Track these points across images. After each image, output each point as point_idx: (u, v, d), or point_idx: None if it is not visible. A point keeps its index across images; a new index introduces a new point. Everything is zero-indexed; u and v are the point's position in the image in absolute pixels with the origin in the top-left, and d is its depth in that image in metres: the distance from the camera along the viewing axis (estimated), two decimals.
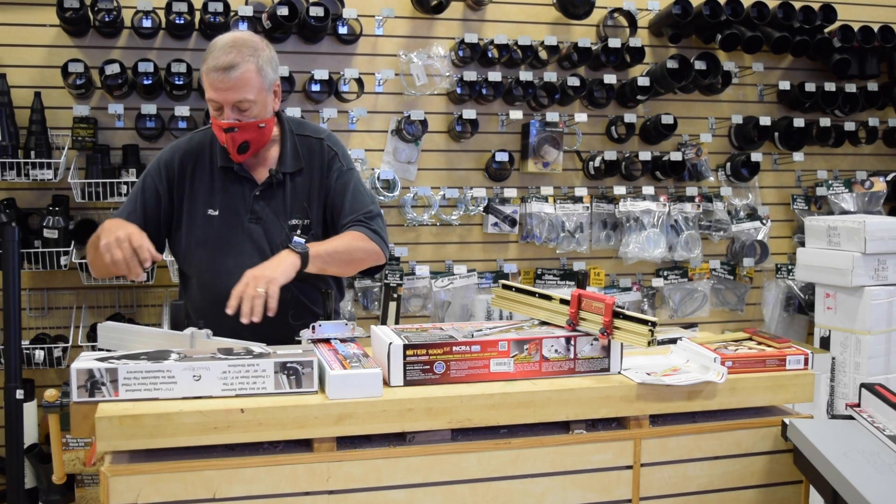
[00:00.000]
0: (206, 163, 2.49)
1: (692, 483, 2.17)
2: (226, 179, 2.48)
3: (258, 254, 2.41)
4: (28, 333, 3.62)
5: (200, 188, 2.48)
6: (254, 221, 2.46)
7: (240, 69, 2.31)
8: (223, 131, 2.36)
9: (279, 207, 2.48)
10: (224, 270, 2.39)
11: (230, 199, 2.47)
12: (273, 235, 2.46)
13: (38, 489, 3.49)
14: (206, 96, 2.37)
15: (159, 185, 2.48)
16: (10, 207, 3.54)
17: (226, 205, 2.47)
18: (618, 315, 2.09)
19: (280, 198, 2.48)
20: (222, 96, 2.32)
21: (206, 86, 2.35)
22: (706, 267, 4.43)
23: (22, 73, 3.64)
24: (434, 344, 2.03)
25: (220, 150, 2.48)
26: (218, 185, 2.48)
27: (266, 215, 2.47)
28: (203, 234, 2.46)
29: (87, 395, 1.87)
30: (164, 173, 2.49)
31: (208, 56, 2.34)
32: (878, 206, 4.53)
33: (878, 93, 4.53)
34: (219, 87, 2.31)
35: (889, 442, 2.03)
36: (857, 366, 3.82)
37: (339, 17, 3.87)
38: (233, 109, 2.34)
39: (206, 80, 2.34)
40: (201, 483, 1.86)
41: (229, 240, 2.45)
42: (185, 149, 2.52)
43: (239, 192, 2.47)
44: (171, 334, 2.16)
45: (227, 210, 2.46)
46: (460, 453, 2.00)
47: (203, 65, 2.34)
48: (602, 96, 4.22)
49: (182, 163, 2.49)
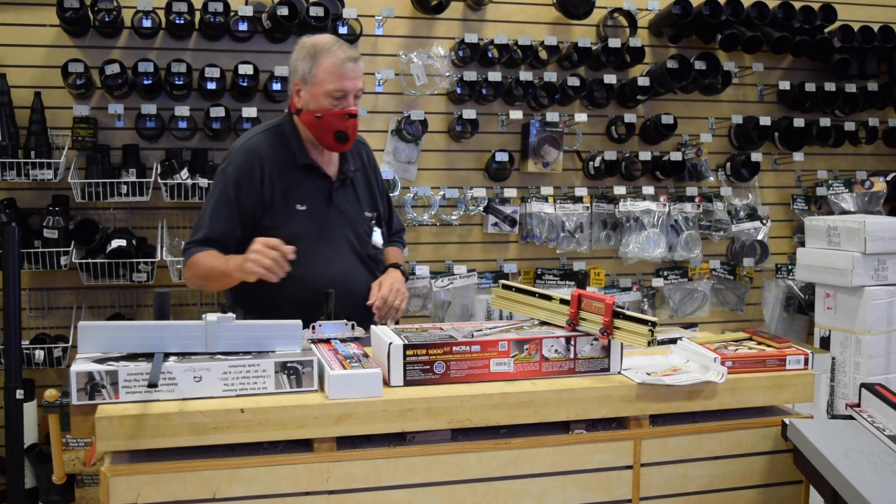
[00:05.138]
0: (286, 161, 2.65)
1: (692, 483, 2.17)
2: (305, 176, 2.66)
3: (347, 244, 2.67)
4: (28, 333, 3.62)
5: (286, 185, 2.63)
6: (337, 214, 2.67)
7: (361, 62, 2.64)
8: (346, 118, 2.59)
9: (354, 201, 2.73)
10: (321, 261, 2.59)
11: (314, 194, 2.65)
12: (356, 226, 2.71)
13: (38, 489, 3.49)
14: (325, 88, 2.56)
15: (248, 189, 2.59)
16: (10, 207, 3.54)
17: (311, 200, 2.65)
18: (618, 315, 2.09)
19: (352, 192, 2.73)
20: (353, 84, 2.59)
21: (332, 76, 2.56)
22: (706, 267, 4.43)
23: (22, 73, 3.64)
24: (434, 344, 2.03)
25: (298, 148, 2.66)
26: (301, 182, 2.65)
27: (346, 208, 2.70)
28: (298, 228, 2.60)
29: (87, 398, 1.87)
30: (250, 176, 2.60)
31: (328, 51, 2.57)
32: (878, 206, 4.53)
33: (878, 93, 4.53)
34: (351, 75, 2.58)
35: (889, 442, 2.03)
36: (857, 366, 3.82)
37: (339, 17, 3.87)
38: (354, 98, 2.61)
39: (334, 71, 2.56)
40: (201, 483, 1.86)
41: (321, 232, 2.63)
42: (263, 150, 2.64)
43: (319, 188, 2.67)
44: (164, 325, 2.05)
45: (313, 204, 2.65)
46: (460, 453, 2.01)
47: (322, 59, 2.56)
48: (602, 96, 4.22)
49: (266, 163, 2.62)
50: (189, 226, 3.82)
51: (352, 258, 2.68)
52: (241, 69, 3.65)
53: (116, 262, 3.53)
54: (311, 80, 2.59)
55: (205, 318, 2.02)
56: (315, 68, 2.58)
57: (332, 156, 2.72)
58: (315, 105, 2.60)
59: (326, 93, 2.57)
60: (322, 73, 2.57)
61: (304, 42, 2.65)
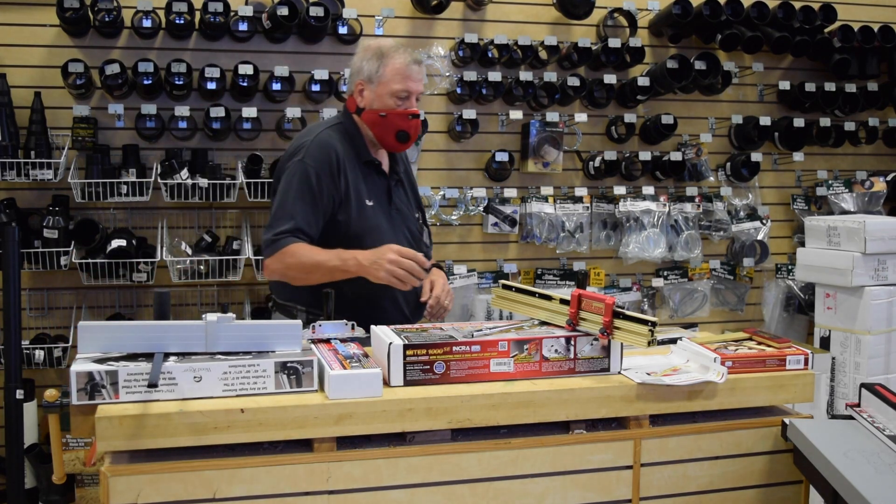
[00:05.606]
0: (353, 156, 2.71)
1: (692, 483, 2.17)
2: (369, 173, 2.74)
3: (406, 241, 2.72)
4: (28, 333, 3.62)
5: (356, 180, 2.69)
6: (396, 211, 2.77)
7: (424, 68, 2.74)
8: (409, 118, 2.69)
9: (406, 200, 2.83)
10: None
11: (377, 191, 2.74)
12: (410, 225, 2.80)
13: (38, 489, 3.49)
14: (391, 88, 2.65)
15: (327, 180, 2.62)
16: (10, 207, 3.54)
17: (376, 196, 2.73)
18: (618, 315, 2.09)
19: (403, 191, 2.83)
20: (417, 86, 2.70)
21: (399, 77, 2.66)
22: (706, 267, 4.43)
23: (22, 73, 3.64)
24: (434, 344, 2.03)
25: (362, 146, 2.73)
26: (366, 178, 2.72)
27: (402, 207, 2.79)
28: (368, 223, 2.68)
29: (87, 398, 1.86)
30: (332, 171, 2.64)
31: (393, 52, 2.67)
32: (878, 206, 4.53)
33: (878, 93, 4.53)
34: (416, 77, 2.69)
35: (889, 442, 2.03)
36: (857, 366, 3.82)
37: (339, 17, 3.87)
38: (416, 101, 2.71)
39: (401, 71, 2.66)
40: (201, 483, 1.86)
41: (387, 227, 2.71)
42: (335, 144, 2.69)
43: (380, 185, 2.76)
44: (164, 325, 2.05)
45: (377, 200, 2.72)
46: (460, 453, 2.00)
47: (389, 60, 2.66)
48: (602, 96, 4.22)
49: (340, 157, 2.67)
50: (189, 226, 3.82)
51: None
52: (241, 69, 3.65)
53: (116, 262, 3.53)
54: (377, 80, 2.67)
55: (205, 318, 2.01)
56: (382, 68, 2.67)
57: (384, 156, 2.81)
58: (379, 104, 2.68)
59: (392, 92, 2.66)
60: (389, 73, 2.66)
61: (369, 44, 2.74)
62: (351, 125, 2.76)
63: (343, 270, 2.51)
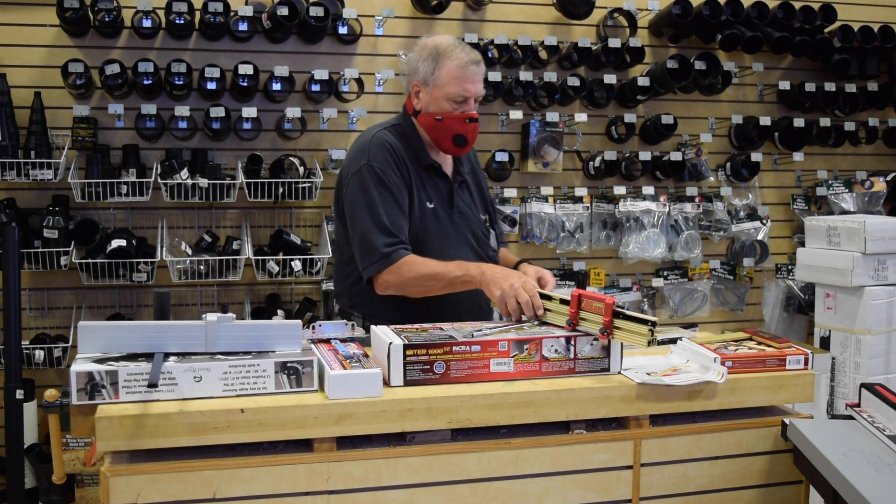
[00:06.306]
0: (413, 158, 2.63)
1: (692, 483, 2.17)
2: (428, 175, 2.65)
3: (468, 245, 2.67)
4: (28, 333, 3.62)
5: (418, 183, 2.62)
6: (458, 214, 2.67)
7: (483, 65, 2.60)
8: (466, 122, 2.57)
9: (471, 203, 2.74)
10: (449, 259, 2.54)
11: (438, 194, 2.65)
12: (474, 228, 2.71)
13: (38, 489, 3.49)
14: (446, 91, 2.54)
15: (397, 178, 2.56)
16: (10, 207, 3.54)
17: (437, 199, 2.64)
18: (618, 315, 2.09)
19: (468, 195, 2.73)
20: (475, 88, 2.57)
21: (455, 79, 2.54)
22: (706, 267, 4.43)
23: (22, 73, 3.64)
24: (434, 344, 2.03)
25: (421, 149, 2.64)
26: (427, 180, 2.64)
27: (465, 210, 2.70)
28: (428, 226, 2.60)
29: (87, 399, 1.86)
30: (398, 169, 2.58)
31: (450, 53, 2.55)
32: (878, 206, 4.53)
33: (878, 93, 4.53)
34: (475, 79, 2.56)
35: (889, 442, 2.03)
36: (857, 366, 3.82)
37: (339, 17, 3.87)
38: (475, 102, 2.59)
39: (457, 74, 2.53)
40: (201, 483, 1.86)
41: (447, 232, 2.64)
42: (395, 144, 2.61)
43: (441, 188, 2.67)
44: (164, 325, 2.04)
45: (438, 204, 2.64)
46: (460, 453, 2.00)
47: (444, 62, 2.54)
48: (602, 96, 4.22)
49: (403, 159, 2.60)
50: (189, 226, 3.82)
51: (474, 258, 2.64)
52: (241, 69, 3.65)
53: (116, 262, 3.53)
54: (433, 83, 2.57)
55: (205, 318, 2.01)
56: (437, 70, 2.56)
57: (447, 157, 2.71)
58: (435, 107, 2.58)
59: (447, 96, 2.55)
60: (444, 75, 2.54)
61: (426, 43, 2.62)
62: (409, 127, 2.66)
63: (465, 281, 2.42)
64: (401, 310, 2.50)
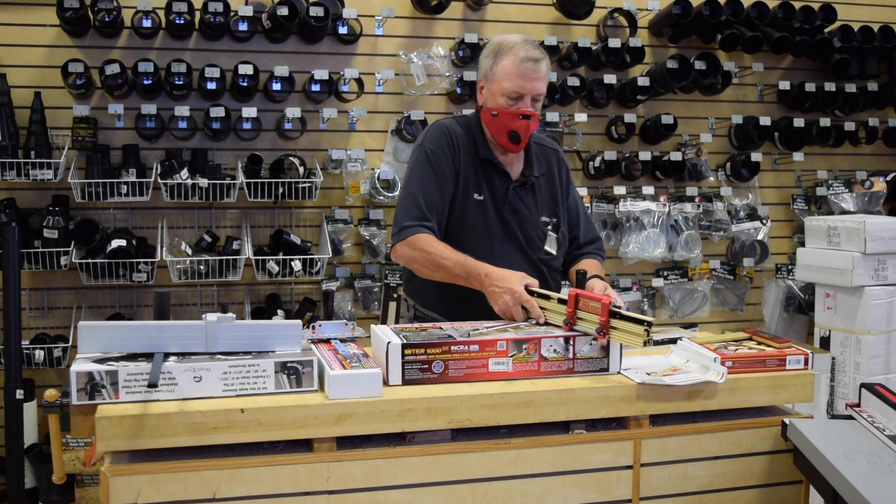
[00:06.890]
0: (470, 150, 2.65)
1: (692, 483, 2.17)
2: (485, 170, 2.65)
3: (515, 243, 2.65)
4: (28, 333, 3.62)
5: (469, 172, 2.63)
6: (510, 212, 2.65)
7: (544, 64, 2.57)
8: (519, 118, 2.56)
9: (532, 204, 2.70)
10: (488, 253, 2.55)
11: (491, 189, 2.65)
12: (527, 228, 2.68)
13: (38, 489, 3.49)
14: (502, 87, 2.54)
15: (445, 162, 2.60)
16: (10, 207, 3.54)
17: (488, 193, 2.64)
18: (614, 315, 2.09)
19: (531, 196, 2.70)
20: (530, 85, 2.54)
21: (509, 75, 2.53)
22: (706, 267, 4.43)
23: (22, 73, 3.64)
24: (432, 343, 2.03)
25: (482, 143, 2.65)
26: (480, 174, 2.65)
27: (521, 209, 2.67)
28: (473, 218, 2.62)
29: (87, 399, 1.86)
30: (450, 154, 2.61)
31: (509, 49, 2.55)
32: (878, 206, 4.53)
33: (878, 93, 4.53)
34: (530, 76, 2.54)
35: (889, 442, 2.03)
36: (857, 366, 3.82)
37: (339, 17, 3.87)
38: (532, 100, 2.56)
39: (512, 69, 2.53)
40: (201, 483, 1.86)
41: (495, 226, 2.64)
42: (455, 130, 2.65)
43: (498, 184, 2.65)
44: (163, 325, 2.05)
45: (489, 198, 2.64)
46: (460, 453, 2.00)
47: (502, 58, 2.54)
48: (602, 96, 4.22)
49: (458, 146, 2.63)
50: (189, 226, 3.82)
51: (519, 257, 2.64)
52: (241, 69, 3.65)
53: (116, 262, 3.53)
54: (491, 78, 2.59)
55: (205, 318, 2.01)
56: (495, 66, 2.58)
57: (516, 156, 2.70)
58: (493, 103, 2.60)
59: (503, 92, 2.56)
60: (501, 71, 2.56)
61: (493, 39, 2.66)
62: (476, 121, 2.69)
63: (467, 282, 2.44)
64: (448, 303, 2.55)
